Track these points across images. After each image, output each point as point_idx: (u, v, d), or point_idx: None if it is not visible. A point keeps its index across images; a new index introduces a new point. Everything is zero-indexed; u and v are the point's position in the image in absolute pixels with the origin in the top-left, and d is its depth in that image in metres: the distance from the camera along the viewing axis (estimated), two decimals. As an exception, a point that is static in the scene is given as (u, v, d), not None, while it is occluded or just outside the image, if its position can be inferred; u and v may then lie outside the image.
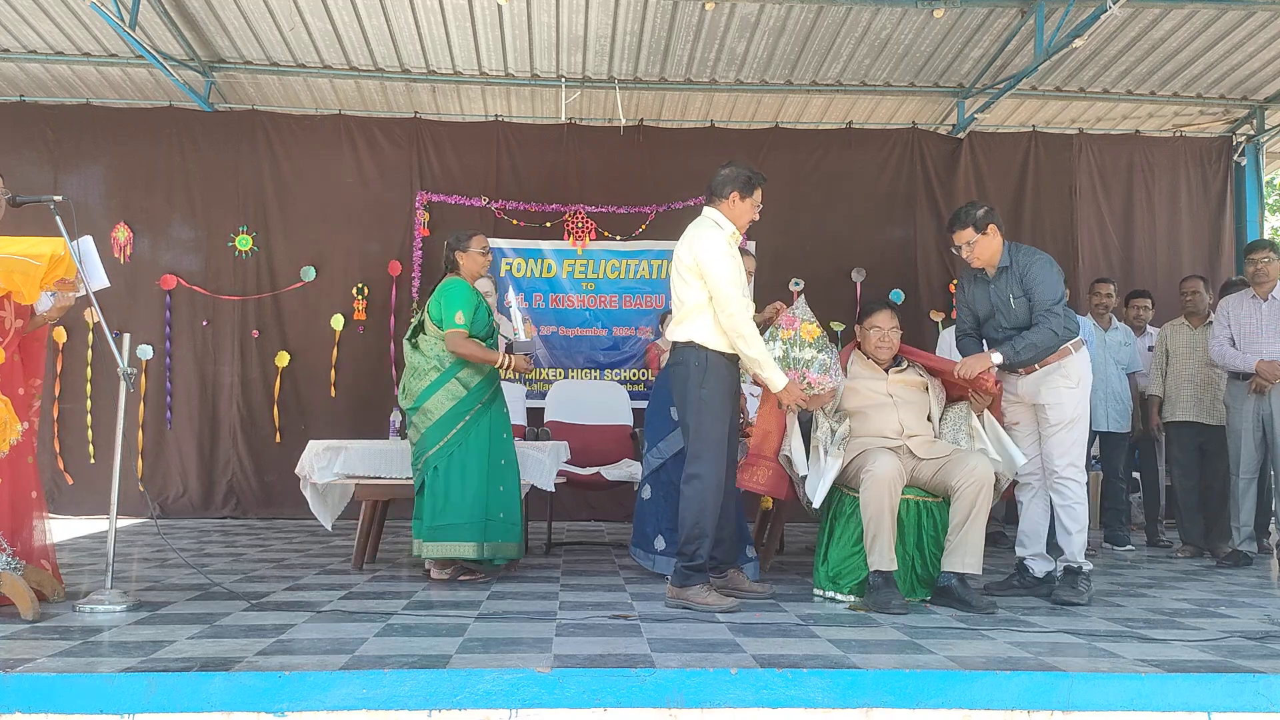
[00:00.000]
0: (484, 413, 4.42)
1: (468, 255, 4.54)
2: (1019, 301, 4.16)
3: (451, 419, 4.34)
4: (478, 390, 4.41)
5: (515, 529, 4.46)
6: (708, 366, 3.83)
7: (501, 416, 4.52)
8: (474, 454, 4.35)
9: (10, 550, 3.49)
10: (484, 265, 4.59)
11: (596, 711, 2.55)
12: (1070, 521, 4.16)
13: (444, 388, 4.37)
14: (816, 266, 8.03)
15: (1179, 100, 7.95)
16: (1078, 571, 4.09)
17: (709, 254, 3.82)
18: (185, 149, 7.91)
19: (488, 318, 4.51)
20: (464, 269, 4.54)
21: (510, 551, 4.44)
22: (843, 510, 4.09)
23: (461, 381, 4.38)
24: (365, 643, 2.98)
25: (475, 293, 4.49)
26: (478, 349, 4.38)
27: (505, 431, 4.51)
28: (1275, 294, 5.28)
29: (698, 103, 8.08)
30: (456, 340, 4.34)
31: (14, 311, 3.65)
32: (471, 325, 4.39)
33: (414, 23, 6.87)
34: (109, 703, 2.48)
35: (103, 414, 7.57)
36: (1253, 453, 5.34)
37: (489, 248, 4.64)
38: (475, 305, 4.43)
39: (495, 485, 4.39)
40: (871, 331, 4.26)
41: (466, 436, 4.35)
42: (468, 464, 4.33)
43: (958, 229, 4.23)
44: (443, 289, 4.46)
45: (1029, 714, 2.62)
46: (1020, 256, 4.21)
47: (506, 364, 4.40)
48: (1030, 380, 4.22)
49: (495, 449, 4.41)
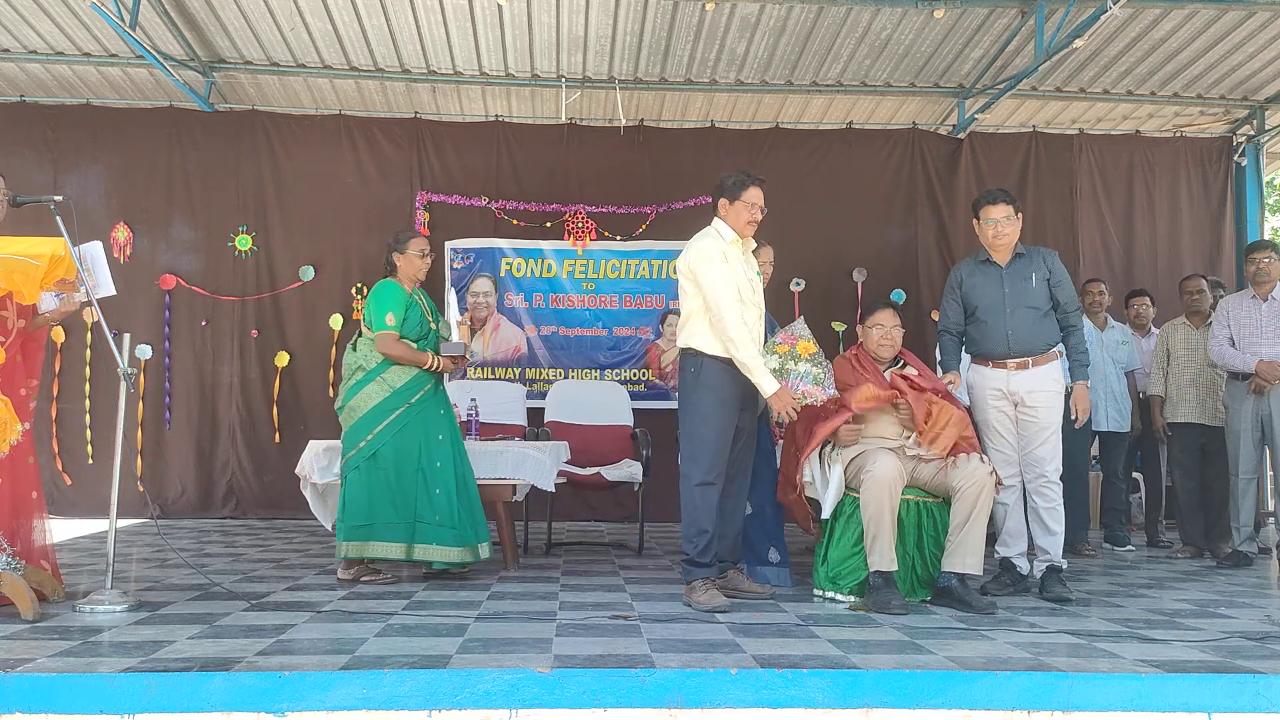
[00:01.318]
0: (414, 414, 4.38)
1: (405, 257, 4.54)
2: (1040, 283, 4.27)
3: (374, 418, 4.34)
4: (405, 390, 4.38)
5: (459, 533, 4.37)
6: (702, 371, 3.93)
7: (438, 418, 4.47)
8: (402, 455, 4.33)
9: (10, 550, 3.49)
10: (422, 268, 4.58)
11: (596, 712, 2.55)
12: (1054, 523, 4.25)
13: (367, 387, 4.38)
14: (817, 267, 8.04)
15: (1179, 100, 7.95)
16: (1060, 570, 4.21)
17: (699, 261, 3.95)
18: (185, 149, 7.91)
19: (420, 319, 4.52)
20: (402, 271, 4.55)
21: (453, 556, 4.35)
22: (843, 510, 4.09)
23: (387, 381, 4.39)
24: (365, 643, 2.98)
25: (407, 295, 4.50)
26: (407, 350, 4.39)
27: (443, 434, 4.45)
28: (1275, 294, 5.28)
29: (698, 103, 8.08)
30: (386, 341, 4.37)
31: (16, 312, 3.66)
32: (402, 327, 4.42)
33: (414, 23, 6.87)
34: (109, 703, 2.48)
35: (101, 414, 7.58)
36: (1252, 453, 5.34)
37: (428, 250, 4.63)
38: (406, 307, 4.45)
39: (430, 488, 4.35)
40: (874, 330, 4.28)
41: (392, 437, 4.33)
42: (392, 465, 4.31)
43: (1002, 202, 4.31)
44: (375, 291, 4.49)
45: (1029, 714, 2.62)
46: (1040, 250, 4.39)
47: (435, 365, 4.43)
48: (1024, 377, 4.24)
49: (429, 451, 4.38)
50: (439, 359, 4.45)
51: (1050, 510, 4.25)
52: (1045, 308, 4.29)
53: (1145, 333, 6.67)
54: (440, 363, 4.45)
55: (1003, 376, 4.28)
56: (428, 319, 4.56)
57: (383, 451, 4.32)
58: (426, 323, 4.54)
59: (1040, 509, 4.26)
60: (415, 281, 4.60)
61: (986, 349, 4.33)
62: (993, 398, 4.30)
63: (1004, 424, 4.31)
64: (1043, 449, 4.23)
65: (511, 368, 7.91)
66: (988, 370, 4.33)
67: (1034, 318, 4.26)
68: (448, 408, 4.57)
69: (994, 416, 4.31)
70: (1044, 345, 4.28)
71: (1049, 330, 4.30)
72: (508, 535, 4.86)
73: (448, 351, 4.48)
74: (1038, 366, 4.24)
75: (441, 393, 4.56)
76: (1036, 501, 4.27)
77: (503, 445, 4.90)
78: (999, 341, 4.28)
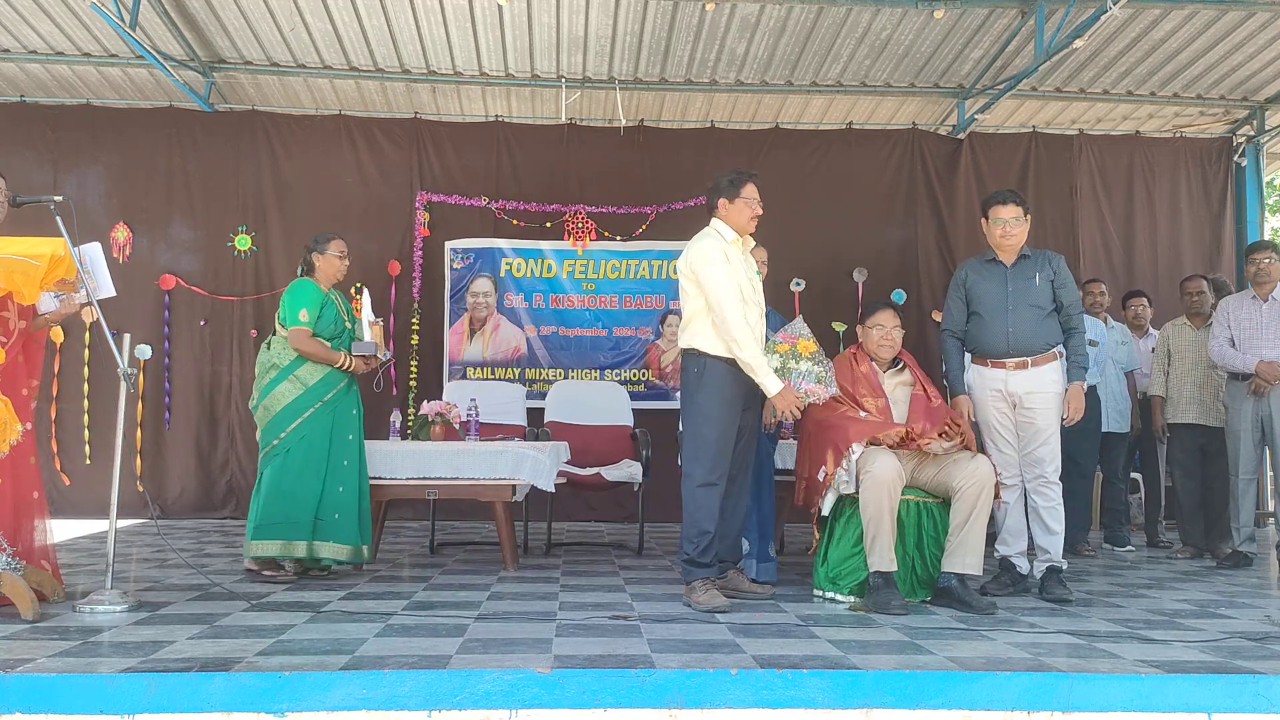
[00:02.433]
0: (325, 412, 4.44)
1: (325, 258, 4.63)
2: (1044, 283, 4.29)
3: (287, 416, 4.39)
4: (317, 388, 4.44)
5: (351, 531, 4.43)
6: (705, 371, 3.94)
7: (349, 418, 4.54)
8: (312, 452, 4.38)
9: (11, 550, 3.49)
10: (341, 269, 4.67)
11: (596, 712, 2.55)
12: (1054, 522, 4.26)
13: (280, 385, 4.43)
14: (817, 267, 8.04)
15: (1179, 101, 7.95)
16: (1060, 570, 4.21)
17: (700, 261, 3.95)
18: (185, 149, 7.90)
19: (335, 318, 4.57)
20: (320, 271, 4.63)
21: (343, 554, 4.41)
22: (843, 511, 4.09)
23: (299, 379, 4.43)
24: (365, 643, 2.98)
25: (323, 294, 4.56)
26: (320, 348, 4.45)
27: (352, 433, 4.53)
28: (1275, 294, 5.28)
29: (698, 103, 8.08)
30: (299, 338, 4.43)
31: (17, 312, 3.66)
32: (317, 324, 4.48)
33: (414, 23, 6.87)
34: (109, 703, 2.48)
35: (99, 414, 7.58)
36: (1252, 453, 5.34)
37: (346, 252, 4.71)
38: (321, 305, 4.51)
39: (334, 485, 4.42)
40: (874, 330, 4.28)
41: (303, 434, 4.38)
42: (303, 462, 4.36)
43: (1012, 203, 4.32)
44: (290, 289, 4.55)
45: (1029, 714, 2.62)
46: (1045, 253, 4.42)
47: (347, 364, 4.48)
48: (1023, 377, 4.25)
49: (337, 449, 4.45)
50: (351, 358, 4.51)
51: (1050, 510, 4.25)
52: (1048, 308, 4.30)
53: (1143, 333, 6.68)
54: (352, 362, 4.51)
55: (1001, 376, 4.28)
56: (343, 318, 4.63)
57: (295, 449, 4.38)
58: (341, 322, 4.61)
59: (1040, 508, 4.27)
60: (333, 281, 4.69)
61: (986, 347, 4.33)
62: (992, 398, 4.30)
63: (1004, 424, 4.31)
64: (1042, 449, 4.24)
65: (511, 368, 7.91)
66: (987, 370, 4.33)
67: (1036, 317, 4.27)
68: (359, 408, 4.64)
69: (994, 416, 4.31)
70: (1044, 345, 4.28)
71: (1050, 331, 4.30)
72: (508, 535, 4.86)
73: (359, 351, 4.54)
74: (1037, 367, 4.25)
75: (354, 393, 4.63)
76: (1036, 501, 4.28)
77: (502, 445, 4.90)
78: (999, 339, 4.28)
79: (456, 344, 7.94)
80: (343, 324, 4.61)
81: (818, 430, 4.14)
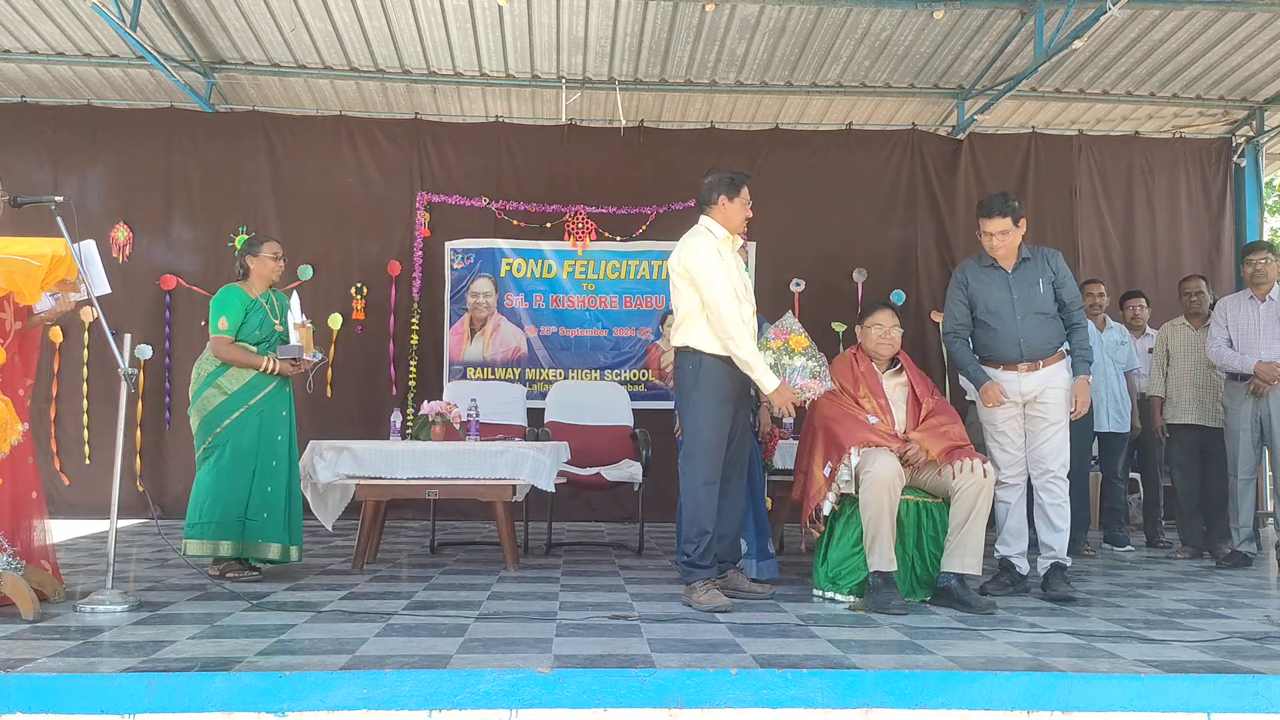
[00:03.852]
0: (251, 415, 4.49)
1: (259, 260, 4.67)
2: (1046, 288, 4.28)
3: (213, 420, 4.45)
4: (241, 393, 4.49)
5: (280, 530, 4.49)
6: (701, 369, 3.93)
7: (279, 420, 4.58)
8: (240, 454, 4.43)
9: (11, 550, 3.50)
10: (275, 270, 4.70)
11: (596, 712, 2.56)
12: (1059, 520, 4.25)
13: (207, 390, 4.50)
14: (817, 267, 8.04)
15: (1179, 102, 7.95)
16: (1064, 568, 4.22)
17: (696, 259, 3.92)
18: (186, 149, 7.91)
19: (263, 321, 4.60)
20: (255, 273, 4.67)
21: (273, 553, 4.47)
22: (842, 511, 4.09)
23: (221, 387, 4.49)
24: (366, 643, 2.98)
25: (249, 298, 4.60)
26: (240, 354, 4.50)
27: (281, 434, 4.58)
28: (1273, 295, 5.29)
29: (698, 104, 8.08)
30: (219, 345, 4.49)
31: (14, 312, 3.66)
32: (241, 330, 4.53)
33: (415, 24, 6.87)
34: (109, 703, 2.48)
35: (99, 414, 7.58)
36: (1250, 453, 5.35)
37: (280, 254, 4.74)
38: (245, 310, 4.55)
39: (262, 486, 4.47)
40: (873, 329, 4.29)
41: (228, 438, 4.43)
42: (231, 464, 4.42)
43: (996, 216, 4.28)
44: (216, 296, 4.61)
45: (1029, 714, 2.63)
46: (1042, 251, 4.39)
47: (271, 367, 4.52)
48: (1035, 378, 4.26)
49: (265, 450, 4.50)
50: (275, 361, 4.54)
51: (1056, 507, 4.25)
52: (1052, 311, 4.31)
53: (1141, 333, 6.68)
54: (276, 366, 4.54)
55: (1014, 378, 4.30)
56: (271, 320, 4.64)
57: (222, 452, 4.43)
58: (269, 324, 4.63)
59: (1046, 505, 4.26)
60: (268, 283, 4.72)
61: (998, 354, 4.34)
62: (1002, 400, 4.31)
63: (1011, 424, 4.31)
64: (1049, 444, 4.24)
65: (511, 368, 7.92)
66: (998, 372, 4.34)
67: (1042, 322, 4.29)
68: (290, 409, 4.67)
69: (1001, 415, 4.32)
70: (1053, 347, 4.30)
71: (1056, 332, 4.32)
72: (508, 535, 4.86)
73: (284, 354, 4.56)
74: (1047, 367, 4.27)
75: (285, 394, 4.66)
76: (1043, 498, 4.27)
77: (503, 445, 4.90)
78: (1010, 348, 4.29)
79: (457, 344, 7.94)
80: (271, 326, 4.63)
81: (823, 425, 4.14)
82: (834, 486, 4.01)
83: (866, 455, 3.96)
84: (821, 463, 4.08)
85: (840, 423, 4.07)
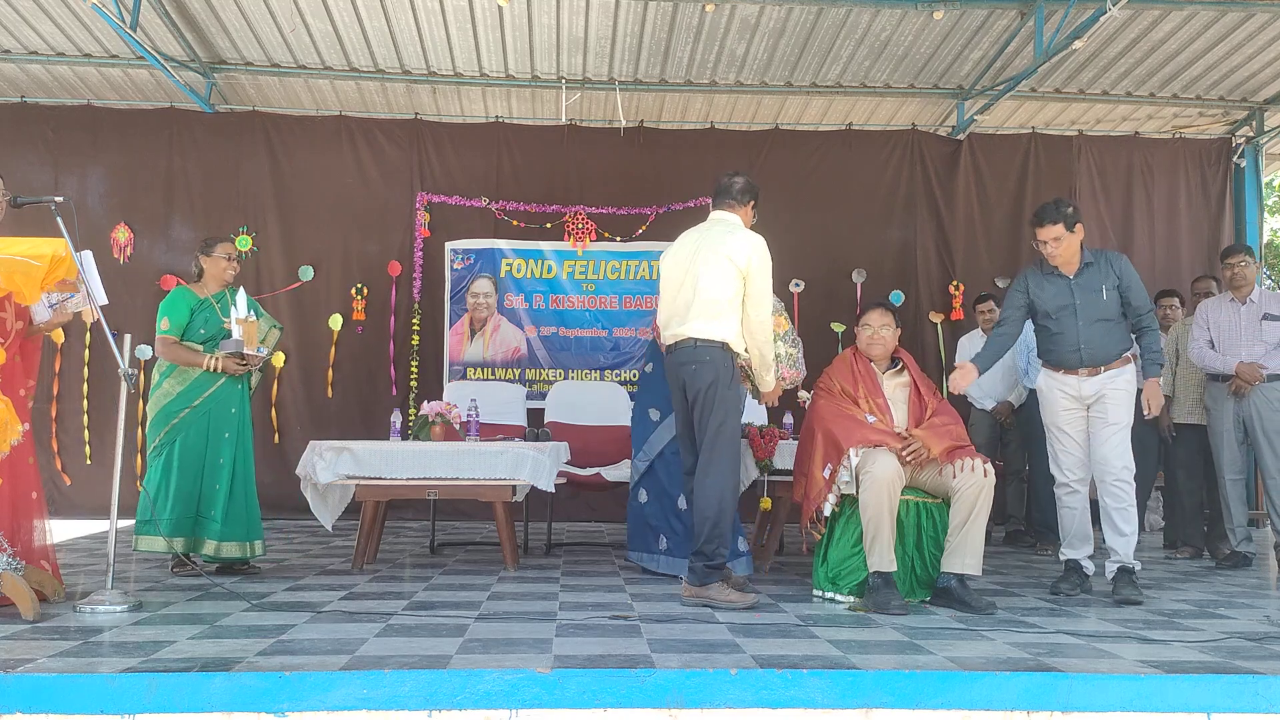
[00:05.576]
0: (199, 414, 4.54)
1: (212, 260, 4.72)
2: (1110, 294, 4.25)
3: (161, 420, 4.53)
4: (188, 392, 4.55)
5: (238, 529, 4.54)
6: (734, 369, 3.94)
7: (227, 417, 4.61)
8: (188, 453, 4.50)
9: (11, 551, 3.49)
10: (228, 269, 4.74)
11: (596, 712, 2.55)
12: (1124, 524, 4.20)
13: (157, 391, 4.59)
14: (817, 267, 8.04)
15: (1178, 102, 7.96)
16: (1131, 571, 4.16)
17: (761, 258, 3.94)
18: (186, 150, 7.91)
19: (209, 320, 4.64)
20: (209, 273, 4.74)
21: (232, 551, 4.53)
22: (842, 511, 4.09)
23: (169, 386, 4.56)
24: (365, 643, 2.98)
25: (196, 298, 4.65)
26: (184, 353, 4.57)
27: (229, 432, 4.61)
28: (1253, 297, 5.33)
29: (698, 104, 8.08)
30: (162, 346, 4.57)
31: (14, 313, 3.66)
32: (187, 330, 4.59)
33: (415, 24, 6.88)
34: (109, 703, 2.48)
35: (99, 414, 7.58)
36: (1237, 453, 5.37)
37: (234, 254, 4.79)
38: (190, 311, 4.61)
39: (211, 484, 4.53)
40: (864, 330, 4.30)
41: (177, 437, 4.50)
42: (180, 463, 4.48)
43: (1048, 224, 4.25)
44: (165, 298, 4.67)
45: (1028, 714, 2.63)
46: (1106, 255, 4.35)
47: (214, 366, 4.56)
48: (1095, 382, 4.25)
49: (213, 449, 4.55)
50: (218, 359, 4.57)
51: (1121, 511, 4.20)
52: (1117, 317, 4.28)
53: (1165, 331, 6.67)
54: (219, 363, 4.57)
55: (1074, 382, 4.29)
56: (221, 320, 4.68)
57: (169, 450, 4.49)
58: (218, 323, 4.66)
59: (1111, 509, 4.22)
60: (222, 284, 4.76)
61: (1059, 360, 4.33)
62: (1064, 401, 4.31)
63: (1074, 426, 4.31)
64: (1108, 446, 4.20)
65: (511, 368, 7.92)
66: (1060, 375, 4.33)
67: (1106, 329, 4.25)
68: (241, 406, 4.70)
69: (1064, 419, 4.32)
70: (1117, 353, 4.27)
71: (1121, 338, 4.29)
72: (508, 535, 4.86)
73: (224, 349, 4.59)
74: (1109, 371, 4.25)
75: (237, 391, 4.68)
76: (1108, 502, 4.23)
77: (503, 445, 4.89)
78: (1071, 354, 4.28)
79: (457, 344, 7.94)
80: (219, 325, 4.66)
81: (822, 427, 4.14)
82: (834, 488, 4.00)
83: (866, 455, 3.95)
84: (821, 464, 4.07)
85: (838, 423, 4.06)
